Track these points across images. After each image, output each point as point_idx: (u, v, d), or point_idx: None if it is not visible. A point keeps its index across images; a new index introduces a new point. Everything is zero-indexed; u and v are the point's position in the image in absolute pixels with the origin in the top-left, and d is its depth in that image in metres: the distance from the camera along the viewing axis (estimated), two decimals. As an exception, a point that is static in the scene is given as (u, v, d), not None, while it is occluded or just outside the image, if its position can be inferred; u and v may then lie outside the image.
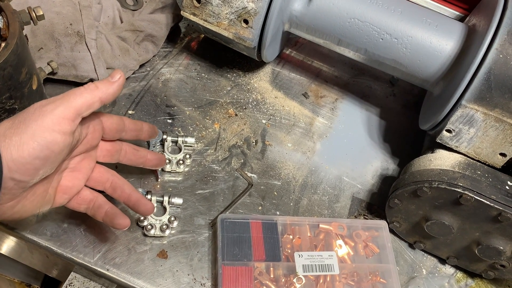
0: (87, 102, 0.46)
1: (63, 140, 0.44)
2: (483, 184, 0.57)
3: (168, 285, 0.56)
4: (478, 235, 0.59)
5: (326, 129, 0.76)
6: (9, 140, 0.42)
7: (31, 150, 0.42)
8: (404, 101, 0.83)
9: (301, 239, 0.61)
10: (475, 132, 0.59)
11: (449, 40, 0.62)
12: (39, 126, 0.43)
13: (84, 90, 0.47)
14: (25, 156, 0.42)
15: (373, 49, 0.66)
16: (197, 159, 0.68)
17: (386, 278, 0.61)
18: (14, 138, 0.42)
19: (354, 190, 0.70)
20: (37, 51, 0.65)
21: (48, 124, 0.43)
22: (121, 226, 0.53)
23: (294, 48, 0.85)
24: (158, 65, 0.76)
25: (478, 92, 0.56)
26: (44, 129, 0.43)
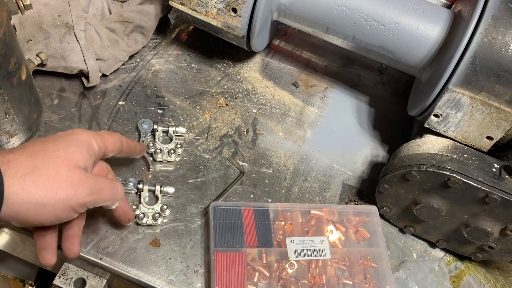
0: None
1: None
2: (470, 167, 0.58)
3: (161, 272, 0.57)
4: (467, 217, 0.60)
5: (317, 117, 0.77)
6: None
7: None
8: (393, 89, 0.83)
9: (292, 225, 0.62)
10: (462, 116, 0.60)
11: (435, 26, 0.63)
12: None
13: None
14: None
15: (361, 36, 0.66)
16: (188, 148, 0.68)
17: (377, 262, 0.62)
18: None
19: (344, 177, 0.71)
20: (25, 42, 0.65)
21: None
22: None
23: (283, 39, 0.86)
24: (148, 56, 0.76)
25: (464, 76, 0.57)
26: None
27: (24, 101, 0.58)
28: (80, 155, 0.47)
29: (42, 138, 0.49)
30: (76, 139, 0.48)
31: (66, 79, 0.70)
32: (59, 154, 0.46)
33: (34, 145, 0.46)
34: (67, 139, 0.48)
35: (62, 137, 0.48)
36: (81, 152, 0.48)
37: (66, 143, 0.47)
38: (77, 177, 0.46)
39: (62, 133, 0.50)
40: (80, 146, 0.48)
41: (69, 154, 0.46)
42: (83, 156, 0.48)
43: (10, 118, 0.56)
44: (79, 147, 0.48)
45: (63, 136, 0.49)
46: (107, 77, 0.72)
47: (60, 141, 0.47)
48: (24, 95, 0.57)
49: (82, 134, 0.50)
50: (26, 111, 0.59)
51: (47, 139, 0.48)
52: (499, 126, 0.59)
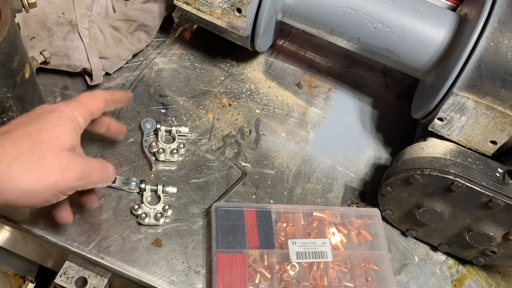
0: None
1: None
2: (474, 171, 0.57)
3: (162, 273, 0.57)
4: (469, 221, 0.60)
5: (320, 118, 0.76)
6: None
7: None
8: (397, 91, 0.83)
9: (294, 227, 0.62)
10: (466, 120, 0.60)
11: (441, 29, 0.62)
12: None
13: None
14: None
15: (365, 38, 0.66)
16: (191, 148, 0.68)
17: (378, 265, 0.62)
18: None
19: (347, 179, 0.71)
20: (29, 40, 0.65)
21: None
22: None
23: (287, 39, 0.86)
24: (151, 55, 0.76)
25: (469, 80, 0.57)
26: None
27: (27, 99, 0.57)
28: (65, 136, 0.46)
29: (23, 118, 0.47)
30: (59, 117, 0.47)
31: (69, 77, 0.70)
32: (43, 138, 0.44)
33: (17, 129, 0.44)
34: (50, 119, 0.46)
35: (44, 116, 0.46)
36: (66, 132, 0.46)
37: (49, 123, 0.45)
38: (64, 161, 0.45)
39: (44, 110, 0.47)
40: (64, 125, 0.46)
41: (54, 137, 0.45)
42: (69, 135, 0.46)
43: (13, 116, 0.56)
44: (63, 126, 0.46)
45: (46, 115, 0.46)
46: (110, 76, 0.71)
47: (43, 122, 0.45)
48: (27, 93, 0.57)
49: (66, 109, 0.48)
50: (29, 109, 0.58)
51: (29, 120, 0.46)
52: (504, 131, 0.59)
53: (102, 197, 0.60)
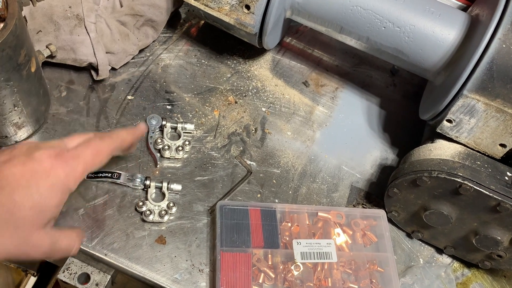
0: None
1: None
2: (482, 174, 0.57)
3: (166, 270, 0.56)
4: (476, 225, 0.59)
5: (326, 118, 0.76)
6: None
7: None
8: (404, 91, 0.82)
9: (299, 227, 0.61)
10: (475, 123, 0.59)
11: (452, 29, 0.62)
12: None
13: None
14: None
15: (375, 38, 0.65)
16: (196, 146, 0.67)
17: (383, 267, 0.61)
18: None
19: (353, 179, 0.70)
20: (35, 33, 0.64)
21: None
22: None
23: (294, 36, 0.85)
24: (158, 51, 0.75)
25: (480, 82, 0.56)
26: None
27: (33, 93, 0.57)
28: (49, 212, 0.44)
29: (16, 170, 0.43)
30: (51, 188, 0.44)
31: (75, 71, 0.69)
32: (24, 213, 0.42)
33: (4, 189, 0.42)
34: (40, 187, 0.43)
35: (37, 181, 0.43)
36: (52, 207, 0.44)
37: (38, 195, 0.43)
38: (36, 240, 0.44)
39: (38, 173, 0.43)
40: (53, 198, 0.44)
41: (36, 213, 0.43)
42: (54, 210, 0.45)
43: (18, 110, 0.56)
44: (51, 199, 0.44)
45: (38, 180, 0.43)
46: (116, 71, 0.71)
47: (31, 191, 0.42)
48: (33, 87, 0.56)
49: (61, 174, 0.44)
50: (35, 103, 0.58)
51: (20, 177, 0.42)
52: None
53: (107, 193, 0.60)
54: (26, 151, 0.45)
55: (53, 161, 0.44)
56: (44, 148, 0.45)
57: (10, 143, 0.60)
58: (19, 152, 0.45)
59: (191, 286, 0.56)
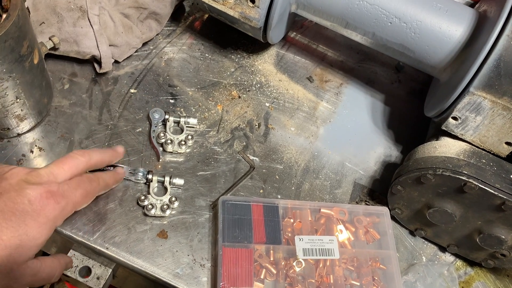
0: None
1: None
2: (487, 173, 0.56)
3: (167, 265, 0.56)
4: (480, 223, 0.59)
5: (330, 114, 0.75)
6: None
7: None
8: (409, 88, 0.82)
9: (302, 223, 0.61)
10: (481, 120, 0.58)
11: (459, 25, 0.61)
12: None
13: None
14: None
15: (381, 33, 0.65)
16: (199, 140, 0.67)
17: (386, 264, 0.61)
18: None
19: (356, 176, 0.70)
20: (38, 25, 0.64)
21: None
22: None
23: (299, 31, 0.84)
24: (161, 44, 0.75)
25: (487, 79, 0.56)
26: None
27: (36, 85, 0.57)
28: (34, 249, 0.44)
29: (1, 215, 0.42)
30: (39, 227, 0.43)
31: (78, 64, 0.69)
32: (10, 252, 0.41)
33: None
34: (28, 230, 0.42)
35: (25, 223, 0.42)
36: (39, 245, 0.44)
37: (25, 237, 0.42)
38: (17, 274, 0.44)
39: (28, 214, 0.43)
40: (42, 236, 0.44)
41: (20, 254, 0.43)
42: (37, 248, 0.45)
43: (20, 102, 0.55)
44: (40, 238, 0.44)
45: (28, 221, 0.42)
46: (119, 64, 0.70)
47: (19, 234, 0.42)
48: (35, 79, 0.56)
49: (51, 214, 0.44)
50: (37, 96, 0.58)
51: (6, 225, 0.41)
52: (520, 132, 0.57)
53: (109, 186, 0.60)
54: (16, 185, 0.44)
55: (44, 201, 0.44)
56: (35, 184, 0.44)
57: (12, 135, 0.60)
58: (9, 186, 0.44)
59: (192, 281, 0.55)
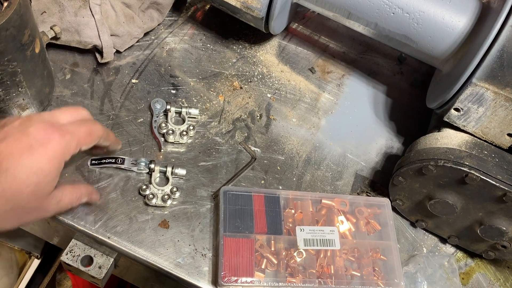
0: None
1: None
2: (489, 164, 0.56)
3: (169, 254, 0.56)
4: (481, 215, 0.59)
5: (332, 105, 0.75)
6: None
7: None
8: (412, 80, 0.81)
9: (303, 214, 0.61)
10: (483, 112, 0.58)
11: (462, 16, 0.61)
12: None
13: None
14: None
15: (383, 24, 0.64)
16: (200, 131, 0.67)
17: (386, 255, 0.61)
18: None
19: (357, 167, 0.70)
20: (40, 14, 0.63)
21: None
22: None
23: (301, 22, 0.84)
24: (163, 34, 0.75)
25: (489, 70, 0.55)
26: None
27: (37, 74, 0.56)
28: (51, 183, 0.46)
29: (13, 158, 0.43)
30: (49, 162, 0.44)
31: (80, 53, 0.68)
32: (32, 190, 0.44)
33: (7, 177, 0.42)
34: (40, 166, 0.44)
35: (36, 159, 0.43)
36: (53, 180, 0.46)
37: (41, 172, 0.44)
38: (44, 207, 0.47)
39: (36, 149, 0.43)
40: (53, 171, 0.45)
41: (41, 190, 0.45)
42: (54, 182, 0.46)
43: (22, 91, 0.55)
44: (52, 173, 0.45)
45: (38, 157, 0.43)
46: (121, 54, 0.70)
47: (34, 171, 0.43)
48: (37, 69, 0.56)
49: (58, 147, 0.45)
50: (39, 85, 0.58)
51: (19, 165, 0.43)
52: (522, 124, 0.57)
53: (110, 176, 0.60)
54: (19, 127, 0.45)
55: (49, 135, 0.44)
56: (37, 122, 0.45)
57: (14, 125, 0.60)
58: (13, 128, 0.44)
59: (193, 271, 0.56)
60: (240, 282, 0.54)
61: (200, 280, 0.55)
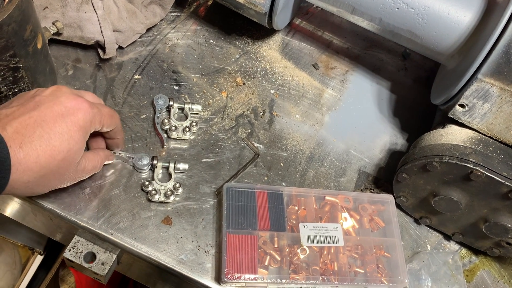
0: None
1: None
2: (494, 161, 0.56)
3: (172, 251, 0.56)
4: (486, 212, 0.58)
5: (335, 101, 0.75)
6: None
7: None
8: (416, 76, 0.81)
9: (306, 210, 0.61)
10: (489, 108, 0.58)
11: (467, 11, 0.60)
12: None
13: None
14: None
15: (388, 19, 0.64)
16: (203, 127, 0.66)
17: (390, 252, 0.61)
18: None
19: (361, 164, 0.69)
20: (42, 10, 0.63)
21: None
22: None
23: (304, 18, 0.83)
24: (166, 30, 0.74)
25: (495, 66, 0.55)
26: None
27: (39, 70, 0.56)
28: (80, 152, 0.48)
29: (47, 125, 0.45)
30: (78, 130, 0.47)
31: (82, 49, 0.68)
32: (64, 156, 0.46)
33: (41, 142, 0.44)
34: (71, 134, 0.46)
35: (67, 127, 0.46)
36: (81, 148, 0.48)
37: (72, 140, 0.46)
38: (72, 173, 0.50)
39: (67, 117, 0.46)
40: (81, 140, 0.48)
41: (71, 157, 0.47)
42: (82, 150, 0.49)
43: (24, 87, 0.55)
44: (80, 141, 0.47)
45: (69, 126, 0.46)
46: (123, 50, 0.70)
47: (66, 138, 0.46)
48: (39, 64, 0.56)
49: (83, 118, 0.47)
50: (41, 81, 0.58)
51: (53, 132, 0.45)
52: (528, 120, 0.57)
53: (113, 173, 0.59)
54: (50, 96, 0.47)
55: (79, 104, 0.47)
56: (67, 93, 0.48)
57: (16, 121, 0.60)
58: (44, 97, 0.47)
59: (196, 267, 0.56)
60: (243, 279, 0.54)
61: (203, 277, 0.55)
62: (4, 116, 0.44)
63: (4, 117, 0.44)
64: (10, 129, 0.43)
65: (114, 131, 0.55)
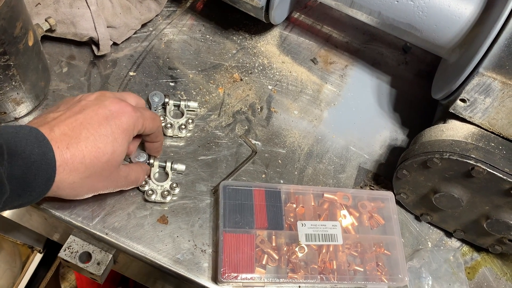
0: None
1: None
2: (496, 157, 0.54)
3: (168, 250, 0.55)
4: (488, 208, 0.57)
5: (335, 96, 0.73)
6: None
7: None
8: (417, 70, 0.79)
9: (304, 208, 0.60)
10: (491, 102, 0.56)
11: (468, 3, 0.58)
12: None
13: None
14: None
15: (387, 12, 0.62)
16: (199, 124, 0.65)
17: (390, 250, 0.60)
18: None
19: (361, 160, 0.68)
20: (34, 6, 0.62)
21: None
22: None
23: (303, 12, 0.82)
24: (161, 25, 0.73)
25: (497, 59, 0.53)
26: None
27: (31, 68, 0.55)
28: (122, 155, 0.49)
29: (92, 128, 0.46)
30: (122, 133, 0.48)
31: (76, 46, 0.67)
32: (108, 158, 0.47)
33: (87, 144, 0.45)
34: (115, 137, 0.47)
35: (112, 130, 0.47)
36: (124, 151, 0.49)
37: (116, 143, 0.47)
38: (115, 177, 0.50)
39: (111, 121, 0.47)
40: (124, 143, 0.48)
41: (115, 159, 0.48)
42: (124, 154, 0.49)
43: (16, 85, 0.54)
44: (123, 144, 0.48)
45: (113, 129, 0.47)
46: (118, 46, 0.69)
47: (110, 140, 0.47)
48: (31, 62, 0.55)
49: (129, 122, 0.49)
50: (33, 79, 0.57)
51: (98, 134, 0.46)
52: (531, 115, 0.55)
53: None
54: (95, 100, 0.49)
55: (123, 108, 0.49)
56: (111, 97, 0.49)
57: (9, 120, 0.59)
58: (89, 102, 0.48)
59: (193, 267, 0.55)
60: (240, 279, 0.53)
61: (199, 277, 0.55)
62: (52, 119, 0.46)
63: (51, 120, 0.45)
64: (57, 131, 0.44)
65: (155, 134, 0.55)
